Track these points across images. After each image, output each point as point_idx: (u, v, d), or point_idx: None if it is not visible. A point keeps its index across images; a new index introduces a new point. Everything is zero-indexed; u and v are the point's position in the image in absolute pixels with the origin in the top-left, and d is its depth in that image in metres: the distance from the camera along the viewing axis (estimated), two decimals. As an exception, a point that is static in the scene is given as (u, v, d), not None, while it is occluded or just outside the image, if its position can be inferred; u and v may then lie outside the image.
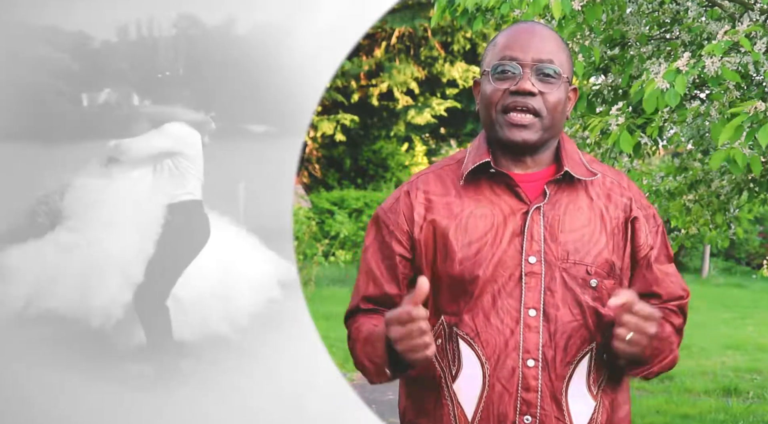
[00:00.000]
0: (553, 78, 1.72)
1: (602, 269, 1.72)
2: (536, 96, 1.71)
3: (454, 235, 1.73)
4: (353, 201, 15.61)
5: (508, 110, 1.72)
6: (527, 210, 1.72)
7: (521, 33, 1.75)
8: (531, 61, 1.71)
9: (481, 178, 1.76)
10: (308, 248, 12.23)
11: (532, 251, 1.70)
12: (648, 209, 1.81)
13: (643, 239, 1.77)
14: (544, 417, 1.68)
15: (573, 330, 1.69)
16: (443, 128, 18.98)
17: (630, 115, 3.41)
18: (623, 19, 3.64)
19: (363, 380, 6.90)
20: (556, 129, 1.75)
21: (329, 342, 4.74)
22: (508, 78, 1.72)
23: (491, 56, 1.76)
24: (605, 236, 1.74)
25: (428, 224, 1.76)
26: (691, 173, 4.56)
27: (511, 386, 1.68)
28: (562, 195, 1.74)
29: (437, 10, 3.70)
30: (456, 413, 1.71)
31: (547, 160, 1.78)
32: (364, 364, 1.74)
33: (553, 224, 1.72)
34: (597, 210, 1.75)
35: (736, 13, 3.42)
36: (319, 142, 17.52)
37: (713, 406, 6.22)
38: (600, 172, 1.79)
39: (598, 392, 1.72)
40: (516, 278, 1.69)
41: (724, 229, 5.01)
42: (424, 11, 16.14)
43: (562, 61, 1.74)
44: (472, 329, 1.70)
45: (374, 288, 1.81)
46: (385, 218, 1.82)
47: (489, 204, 1.74)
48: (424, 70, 17.53)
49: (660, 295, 1.78)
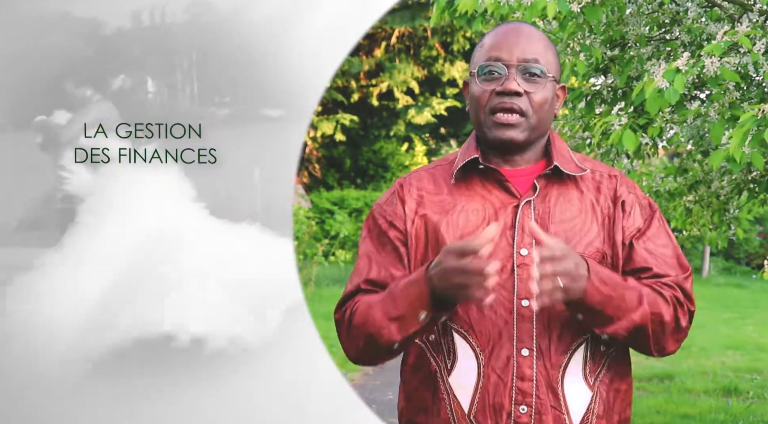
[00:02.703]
0: (539, 77, 1.74)
1: (594, 258, 1.72)
2: (522, 96, 1.73)
3: (446, 229, 1.74)
4: (353, 201, 15.62)
5: (495, 111, 1.74)
6: (518, 203, 1.74)
7: (507, 33, 1.77)
8: (516, 61, 1.73)
9: (472, 175, 1.78)
10: (308, 248, 12.23)
11: (524, 244, 1.71)
12: (642, 199, 1.80)
13: (630, 221, 1.76)
14: (540, 406, 1.68)
15: (567, 319, 1.69)
16: (443, 128, 19.00)
17: (632, 115, 3.42)
18: (623, 20, 3.64)
19: (363, 380, 6.91)
20: (544, 128, 1.78)
21: (329, 342, 4.74)
22: (494, 78, 1.74)
23: (478, 57, 1.78)
24: (596, 226, 1.75)
25: (420, 218, 1.78)
26: (691, 174, 4.56)
27: (506, 375, 1.68)
28: (552, 189, 1.76)
29: (436, 10, 3.70)
30: (453, 407, 1.71)
31: (536, 156, 1.80)
32: (382, 324, 1.67)
33: (544, 216, 1.73)
34: (587, 201, 1.76)
35: (736, 14, 3.42)
36: (319, 142, 17.53)
37: (713, 406, 6.23)
38: (590, 168, 1.80)
39: (595, 382, 1.72)
40: (508, 270, 1.70)
41: (723, 229, 5.01)
42: (423, 11, 16.15)
43: (549, 60, 1.76)
44: (465, 322, 1.70)
45: (377, 270, 1.78)
46: (382, 210, 1.83)
47: (480, 199, 1.76)
48: (423, 70, 17.54)
49: (648, 268, 1.74)
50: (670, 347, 1.73)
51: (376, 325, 1.68)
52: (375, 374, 6.93)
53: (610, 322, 1.65)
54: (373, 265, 1.79)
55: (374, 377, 6.89)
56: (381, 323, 1.68)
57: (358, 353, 1.77)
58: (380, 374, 6.86)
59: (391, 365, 1.91)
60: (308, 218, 12.64)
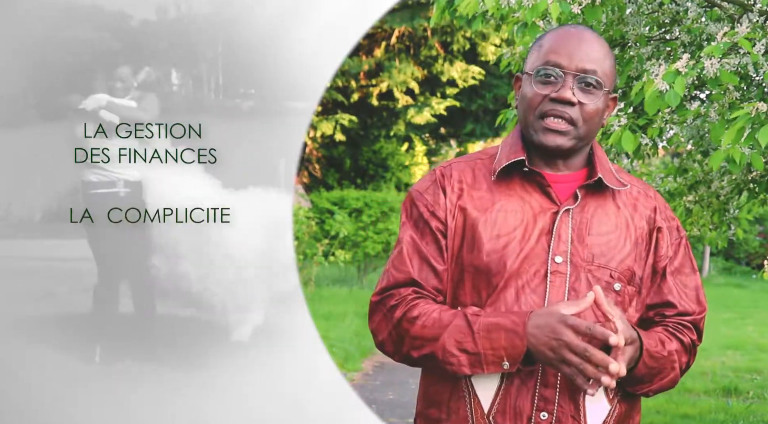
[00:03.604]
0: (595, 88, 1.72)
1: (624, 275, 1.73)
2: (575, 106, 1.71)
3: (483, 226, 1.73)
4: (353, 201, 15.59)
5: (546, 116, 1.72)
6: (557, 210, 1.73)
7: (569, 38, 1.74)
8: (575, 69, 1.71)
9: (514, 174, 1.77)
10: (308, 248, 12.22)
11: (559, 251, 1.71)
12: (672, 221, 1.81)
13: (664, 250, 1.78)
14: (561, 415, 1.68)
15: None
16: (443, 128, 18.98)
17: (632, 116, 3.42)
18: (623, 20, 3.64)
19: (363, 380, 6.90)
20: (591, 137, 1.77)
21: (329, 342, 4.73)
22: (549, 83, 1.72)
23: (535, 57, 1.76)
24: (630, 244, 1.75)
25: (459, 211, 1.76)
26: (691, 174, 4.56)
27: (530, 380, 1.68)
28: (590, 199, 1.76)
29: (437, 10, 3.70)
30: (473, 406, 1.71)
31: (579, 164, 1.79)
32: (452, 352, 1.65)
33: (581, 226, 1.73)
34: (623, 218, 1.76)
35: (736, 14, 3.42)
36: (319, 142, 17.52)
37: (713, 406, 6.23)
38: (628, 183, 1.81)
39: (614, 397, 1.73)
40: (541, 276, 1.70)
41: (723, 229, 5.01)
42: (423, 11, 16.13)
43: (606, 70, 1.74)
44: None
45: (419, 265, 1.75)
46: (423, 198, 1.79)
47: (519, 200, 1.75)
48: (423, 70, 17.53)
49: (674, 305, 1.77)
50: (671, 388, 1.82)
51: (445, 350, 1.66)
52: (375, 374, 6.93)
53: (646, 386, 1.72)
54: (415, 258, 1.76)
55: (374, 377, 6.88)
56: (451, 351, 1.66)
57: (396, 351, 1.74)
58: (380, 374, 6.86)
59: (391, 366, 1.91)
60: (308, 218, 12.62)
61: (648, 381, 1.71)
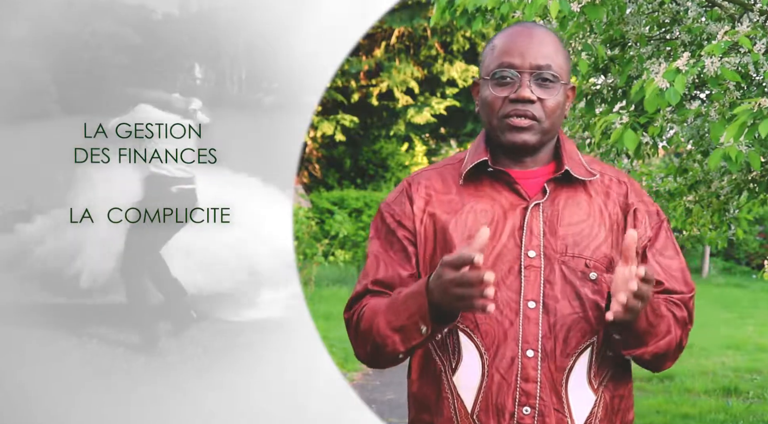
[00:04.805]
0: (551, 82, 1.73)
1: (601, 263, 1.72)
2: (536, 103, 1.72)
3: (454, 228, 1.74)
4: (353, 201, 15.61)
5: (509, 117, 1.73)
6: (527, 206, 1.74)
7: (519, 37, 1.75)
8: (529, 67, 1.72)
9: (482, 176, 1.78)
10: (308, 247, 12.23)
11: (532, 246, 1.71)
12: (650, 206, 1.81)
13: (641, 231, 1.77)
14: (543, 408, 1.68)
15: (573, 322, 1.70)
16: (443, 128, 18.99)
17: (633, 114, 3.42)
18: (623, 19, 3.64)
19: (363, 380, 6.91)
20: (555, 130, 1.78)
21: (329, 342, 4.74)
22: (507, 84, 1.73)
23: (489, 60, 1.77)
24: (604, 231, 1.75)
25: (428, 217, 1.77)
26: (691, 174, 4.56)
27: (510, 376, 1.68)
28: (561, 192, 1.76)
29: (437, 10, 3.70)
30: (456, 406, 1.71)
31: (546, 158, 1.79)
32: (386, 334, 1.68)
33: (553, 218, 1.73)
34: (596, 206, 1.76)
35: (736, 14, 3.42)
36: (319, 142, 17.53)
37: (713, 406, 6.23)
38: (599, 172, 1.80)
39: (599, 386, 1.72)
40: (515, 271, 1.70)
41: (723, 229, 5.01)
42: (423, 11, 16.14)
43: (560, 63, 1.75)
44: (471, 321, 1.70)
45: (385, 270, 1.77)
46: (390, 209, 1.82)
47: (489, 200, 1.76)
48: (423, 70, 17.54)
49: (660, 282, 1.75)
50: (668, 365, 1.77)
51: (380, 334, 1.69)
52: (375, 374, 6.93)
53: (642, 346, 1.68)
54: (380, 265, 1.79)
55: (374, 377, 6.88)
56: (385, 333, 1.68)
57: (366, 357, 1.77)
58: (380, 374, 6.86)
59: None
60: (308, 218, 12.63)
61: (646, 340, 1.68)
